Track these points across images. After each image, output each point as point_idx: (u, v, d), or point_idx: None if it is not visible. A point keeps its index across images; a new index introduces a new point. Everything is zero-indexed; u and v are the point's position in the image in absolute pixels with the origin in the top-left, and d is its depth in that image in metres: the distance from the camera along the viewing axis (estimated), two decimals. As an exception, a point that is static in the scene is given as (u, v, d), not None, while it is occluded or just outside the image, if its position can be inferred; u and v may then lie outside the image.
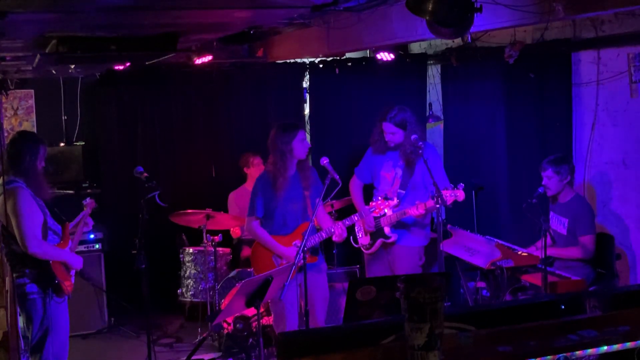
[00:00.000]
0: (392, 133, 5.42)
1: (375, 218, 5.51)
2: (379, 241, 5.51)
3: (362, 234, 5.67)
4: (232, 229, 6.87)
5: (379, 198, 5.19)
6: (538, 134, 6.49)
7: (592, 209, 5.54)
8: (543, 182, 5.49)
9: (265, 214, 5.14)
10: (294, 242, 5.08)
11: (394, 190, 5.47)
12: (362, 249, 5.72)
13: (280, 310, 5.05)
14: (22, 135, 4.90)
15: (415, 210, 5.23)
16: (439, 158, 5.46)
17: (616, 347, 2.15)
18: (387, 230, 5.46)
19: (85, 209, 5.11)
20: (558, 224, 5.53)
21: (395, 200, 5.38)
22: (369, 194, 5.77)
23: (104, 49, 4.71)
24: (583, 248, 5.35)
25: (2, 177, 4.54)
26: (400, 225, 5.47)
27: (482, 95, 7.06)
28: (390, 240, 5.46)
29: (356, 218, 5.31)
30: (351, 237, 5.78)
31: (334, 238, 5.16)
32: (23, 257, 4.51)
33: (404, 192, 5.44)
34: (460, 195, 5.02)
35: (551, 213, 5.63)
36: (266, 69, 7.70)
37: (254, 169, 6.93)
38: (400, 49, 7.67)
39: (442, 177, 5.34)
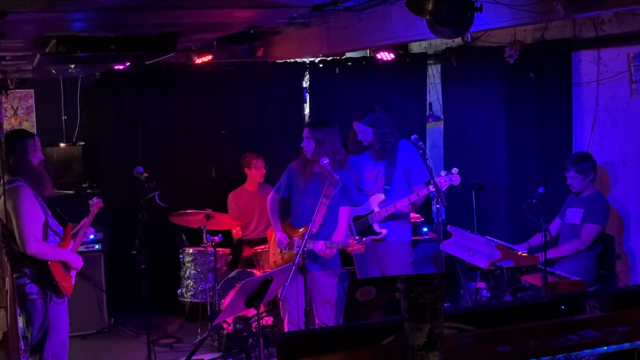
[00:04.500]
0: (362, 132, 5.45)
1: (361, 217, 5.46)
2: (368, 239, 5.46)
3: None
4: (233, 230, 6.88)
5: (355, 238, 5.12)
6: (538, 134, 6.49)
7: (608, 205, 5.56)
8: (567, 182, 5.53)
9: (288, 199, 5.38)
10: (294, 238, 5.19)
11: (379, 187, 5.47)
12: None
13: (284, 307, 5.25)
14: (6, 135, 4.90)
15: (406, 202, 5.22)
16: (417, 153, 5.45)
17: (616, 347, 2.15)
18: (376, 226, 5.42)
19: (91, 209, 5.10)
20: (573, 215, 5.55)
21: (382, 196, 5.39)
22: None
23: (104, 49, 4.71)
24: (581, 237, 5.38)
25: (2, 177, 4.53)
26: (389, 220, 5.43)
27: (482, 95, 7.07)
28: (380, 237, 5.43)
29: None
30: None
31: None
32: (23, 257, 4.51)
33: (389, 187, 5.43)
34: (456, 179, 5.03)
35: (568, 209, 5.63)
36: (266, 69, 7.70)
37: (255, 172, 6.93)
38: (400, 49, 7.68)
39: (423, 172, 5.38)
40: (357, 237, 5.03)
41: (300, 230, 5.20)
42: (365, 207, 5.46)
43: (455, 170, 5.04)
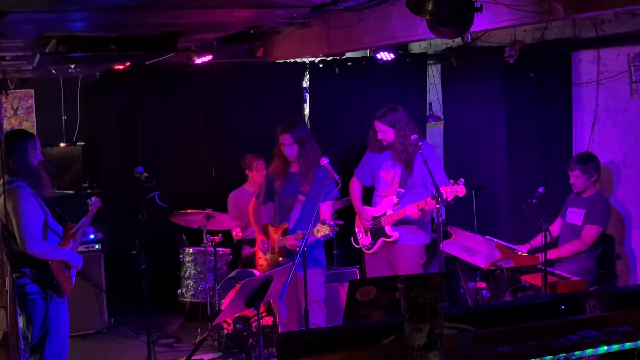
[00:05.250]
0: (382, 131, 5.43)
1: (375, 217, 5.51)
2: (380, 240, 5.51)
3: (362, 235, 5.67)
4: (233, 231, 6.88)
5: (322, 221, 4.91)
6: (538, 133, 6.49)
7: (610, 206, 5.54)
8: (570, 181, 5.51)
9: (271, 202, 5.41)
10: (262, 239, 5.26)
11: (393, 190, 5.48)
12: (363, 249, 5.72)
13: (274, 307, 5.37)
14: (5, 135, 4.89)
15: (415, 209, 5.23)
16: (437, 156, 5.47)
17: (616, 347, 2.15)
18: (388, 229, 5.46)
19: (90, 208, 5.10)
20: (574, 216, 5.54)
21: (396, 199, 5.40)
22: (370, 194, 5.78)
23: (104, 49, 4.70)
24: (581, 238, 5.37)
25: (2, 177, 4.53)
26: (401, 224, 5.46)
27: (482, 95, 7.06)
28: (391, 239, 5.46)
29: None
30: (352, 238, 5.78)
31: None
32: (23, 257, 4.51)
33: (403, 190, 5.43)
34: (461, 190, 4.98)
35: (569, 209, 5.63)
36: (266, 69, 7.70)
37: (257, 173, 6.93)
38: (400, 49, 7.67)
39: (440, 175, 5.34)
40: (324, 220, 4.92)
41: (279, 228, 5.21)
42: (379, 208, 5.49)
43: (461, 180, 5.00)
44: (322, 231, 4.68)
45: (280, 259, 5.17)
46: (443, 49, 7.50)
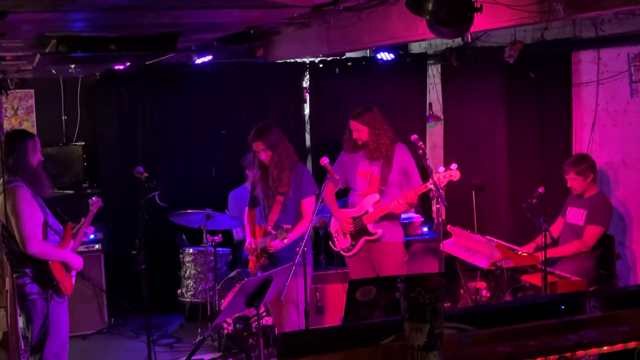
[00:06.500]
0: (357, 130, 5.42)
1: (355, 218, 5.45)
2: (362, 240, 5.41)
3: (340, 237, 5.55)
4: (233, 231, 6.88)
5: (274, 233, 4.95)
6: (538, 134, 6.49)
7: (611, 207, 5.53)
8: (568, 184, 5.50)
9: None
10: (258, 240, 5.20)
11: (374, 187, 5.44)
12: (341, 252, 5.62)
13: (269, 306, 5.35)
14: (5, 135, 4.89)
15: (404, 200, 5.19)
16: (413, 160, 5.46)
17: (616, 347, 2.15)
18: (370, 227, 5.40)
19: (91, 208, 5.09)
20: (575, 216, 5.53)
21: (378, 196, 5.36)
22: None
23: (104, 49, 4.70)
24: (583, 238, 5.37)
25: (2, 177, 4.52)
26: (384, 220, 5.38)
27: (482, 95, 7.07)
28: (375, 237, 5.37)
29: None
30: (330, 241, 5.73)
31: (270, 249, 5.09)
32: (23, 257, 4.51)
33: (384, 188, 5.40)
34: (455, 174, 4.99)
35: (569, 208, 5.62)
36: (266, 69, 7.70)
37: None
38: (400, 49, 7.68)
39: (416, 178, 5.39)
40: (280, 226, 4.91)
41: (262, 230, 5.20)
42: (359, 207, 5.43)
43: (454, 165, 5.00)
44: (281, 236, 4.76)
45: (262, 259, 5.15)
46: (443, 49, 7.50)
